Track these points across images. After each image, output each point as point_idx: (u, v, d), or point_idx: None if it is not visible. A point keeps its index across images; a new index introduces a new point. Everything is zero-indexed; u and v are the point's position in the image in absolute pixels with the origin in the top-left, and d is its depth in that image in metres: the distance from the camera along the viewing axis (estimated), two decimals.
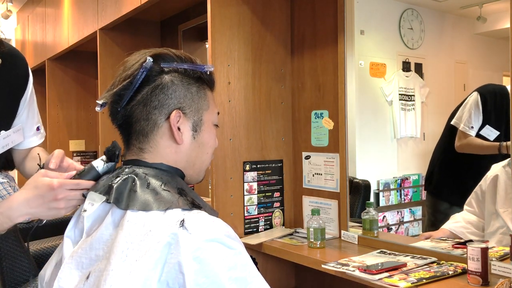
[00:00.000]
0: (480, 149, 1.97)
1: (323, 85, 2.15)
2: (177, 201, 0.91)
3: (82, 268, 0.93)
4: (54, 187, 0.98)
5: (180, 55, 1.00)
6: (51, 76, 4.52)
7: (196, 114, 1.00)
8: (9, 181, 3.43)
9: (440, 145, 2.22)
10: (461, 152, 2.03)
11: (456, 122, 2.05)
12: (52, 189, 0.98)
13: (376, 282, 1.47)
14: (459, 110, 2.06)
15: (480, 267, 1.41)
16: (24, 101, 1.44)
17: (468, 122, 2.00)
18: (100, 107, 1.00)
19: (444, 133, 2.18)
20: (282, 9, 2.28)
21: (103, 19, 3.18)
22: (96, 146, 4.59)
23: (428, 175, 2.28)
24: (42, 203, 0.99)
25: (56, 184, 0.98)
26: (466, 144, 2.01)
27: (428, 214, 2.28)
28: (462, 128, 2.02)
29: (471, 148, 2.01)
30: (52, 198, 0.98)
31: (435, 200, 2.24)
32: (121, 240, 0.87)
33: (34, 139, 1.52)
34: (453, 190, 2.05)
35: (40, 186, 0.99)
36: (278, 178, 2.27)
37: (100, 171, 1.02)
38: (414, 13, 2.39)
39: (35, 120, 1.52)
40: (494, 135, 1.93)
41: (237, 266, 0.85)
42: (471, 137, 1.99)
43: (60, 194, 0.98)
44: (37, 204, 0.99)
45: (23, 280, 2.40)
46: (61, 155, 1.09)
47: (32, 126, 1.50)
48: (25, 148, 1.50)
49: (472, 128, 1.98)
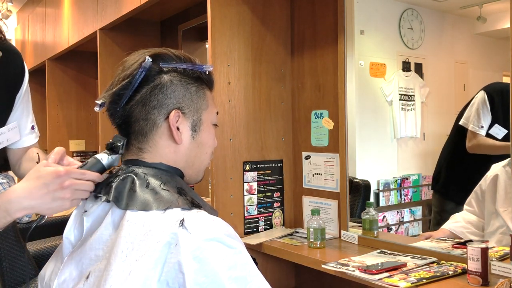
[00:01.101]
0: (492, 150, 1.94)
1: (323, 85, 2.15)
2: (176, 201, 0.91)
3: (81, 268, 0.93)
4: (60, 174, 0.91)
5: (179, 55, 1.00)
6: (51, 76, 4.52)
7: (195, 114, 1.00)
8: (8, 181, 3.43)
9: (448, 145, 2.21)
10: (473, 152, 2.00)
11: (464, 123, 2.03)
12: (59, 176, 0.91)
13: (376, 282, 1.47)
14: (467, 110, 2.04)
15: (480, 267, 1.41)
16: (19, 96, 1.38)
17: (478, 122, 1.98)
18: (99, 107, 0.99)
19: (452, 133, 2.17)
20: (282, 9, 2.28)
21: (103, 19, 3.18)
22: (96, 146, 4.59)
23: (436, 174, 2.27)
24: (46, 192, 0.91)
25: (63, 171, 0.91)
26: (478, 145, 1.98)
27: (434, 213, 2.27)
28: (472, 128, 1.99)
29: (483, 149, 1.98)
30: (57, 186, 0.91)
31: (442, 199, 2.24)
32: (121, 240, 0.87)
33: (30, 138, 1.45)
34: (460, 190, 2.04)
35: (44, 174, 0.91)
36: (278, 178, 2.27)
37: (105, 164, 0.99)
38: (414, 13, 2.39)
39: (30, 118, 1.46)
40: (503, 134, 1.91)
41: (237, 265, 0.85)
42: (482, 137, 1.97)
43: (66, 181, 0.91)
44: (40, 194, 0.91)
45: (23, 280, 2.40)
46: (61, 151, 1.01)
47: (27, 124, 1.44)
48: (20, 147, 1.43)
49: (482, 127, 1.96)
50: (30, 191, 0.92)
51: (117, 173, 0.97)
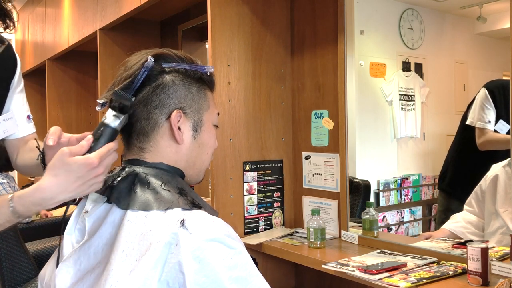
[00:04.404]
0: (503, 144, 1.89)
1: (323, 85, 2.15)
2: (177, 201, 0.91)
3: (81, 268, 0.93)
4: (94, 164, 0.89)
5: (181, 56, 1.00)
6: (51, 76, 4.52)
7: (197, 114, 1.00)
8: (9, 182, 3.44)
9: (454, 145, 2.21)
10: (484, 149, 1.98)
11: (471, 121, 2.01)
12: (93, 167, 0.89)
13: (376, 282, 1.47)
14: (471, 109, 2.04)
15: (480, 267, 1.41)
16: (13, 84, 1.36)
17: (483, 118, 1.97)
18: (101, 106, 0.99)
19: (458, 132, 2.17)
20: (282, 9, 2.28)
21: (103, 19, 3.18)
22: None
23: (442, 173, 2.27)
24: (82, 183, 0.90)
25: (96, 161, 0.89)
26: (488, 141, 1.96)
27: (439, 212, 2.28)
28: (480, 125, 1.98)
29: (494, 143, 1.95)
30: (93, 176, 0.90)
31: (448, 198, 2.24)
32: (121, 239, 0.87)
33: (27, 127, 1.41)
34: (466, 189, 2.04)
35: (75, 168, 0.88)
36: (278, 178, 2.27)
37: (115, 127, 0.93)
38: (414, 13, 2.39)
39: (25, 108, 1.42)
40: (506, 129, 1.90)
41: (237, 266, 0.85)
42: (491, 132, 1.95)
43: (101, 169, 0.90)
44: (75, 186, 0.90)
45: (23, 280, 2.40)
46: (58, 131, 0.98)
47: (23, 113, 1.40)
48: (18, 137, 1.40)
49: (489, 122, 1.94)
50: (66, 186, 0.90)
51: (118, 174, 0.97)
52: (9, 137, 1.39)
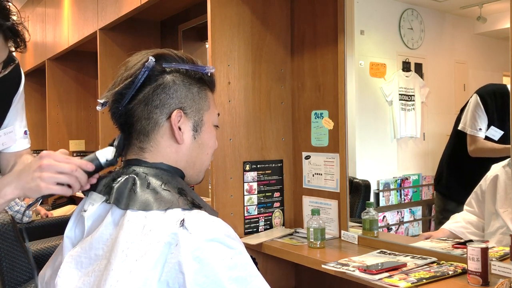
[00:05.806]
0: (493, 153, 1.95)
1: (323, 85, 2.15)
2: (177, 201, 0.91)
3: (81, 268, 0.93)
4: (42, 155, 0.94)
5: (181, 56, 1.00)
6: (51, 76, 4.52)
7: (197, 114, 1.00)
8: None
9: (448, 147, 2.23)
10: (475, 156, 2.02)
11: (462, 127, 2.05)
12: (40, 157, 0.93)
13: (376, 282, 1.47)
14: (463, 114, 2.06)
15: (480, 267, 1.41)
16: (15, 99, 1.40)
17: (475, 125, 1.99)
18: (101, 106, 1.00)
19: (452, 134, 2.18)
20: (282, 9, 2.28)
21: (103, 19, 3.18)
22: (96, 146, 4.59)
23: (437, 175, 2.29)
24: (28, 173, 0.93)
25: (45, 152, 0.94)
26: (479, 149, 2.00)
27: (436, 213, 2.29)
28: (471, 132, 2.01)
29: (484, 152, 2.00)
30: (36, 166, 0.93)
31: (444, 199, 2.25)
32: (121, 239, 0.87)
33: (23, 142, 1.45)
34: (462, 190, 2.05)
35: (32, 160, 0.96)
36: (278, 178, 2.27)
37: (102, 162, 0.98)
38: (414, 13, 2.39)
39: (23, 123, 1.47)
40: (499, 135, 1.92)
41: (237, 266, 0.85)
42: (482, 140, 1.99)
43: (45, 161, 0.92)
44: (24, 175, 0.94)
45: (23, 280, 2.40)
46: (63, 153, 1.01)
47: (20, 129, 1.45)
48: (12, 151, 1.43)
49: (480, 130, 1.98)
50: (19, 174, 0.95)
51: (118, 174, 0.97)
52: (4, 150, 1.41)
